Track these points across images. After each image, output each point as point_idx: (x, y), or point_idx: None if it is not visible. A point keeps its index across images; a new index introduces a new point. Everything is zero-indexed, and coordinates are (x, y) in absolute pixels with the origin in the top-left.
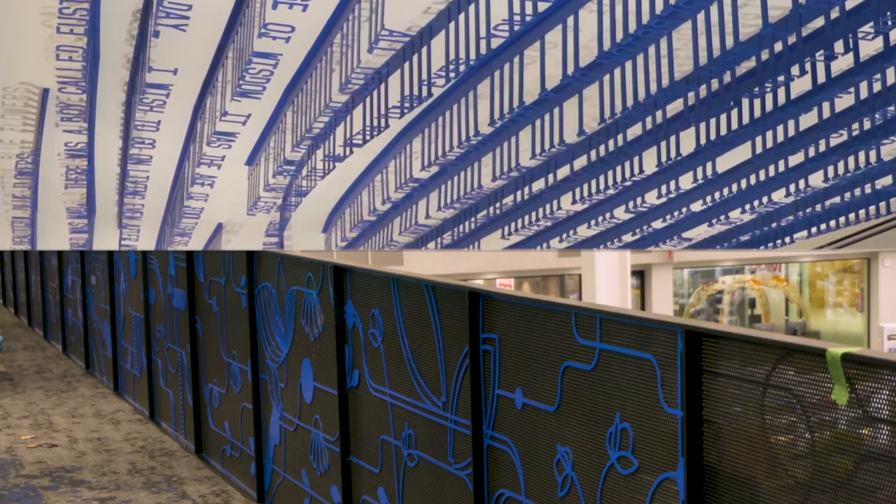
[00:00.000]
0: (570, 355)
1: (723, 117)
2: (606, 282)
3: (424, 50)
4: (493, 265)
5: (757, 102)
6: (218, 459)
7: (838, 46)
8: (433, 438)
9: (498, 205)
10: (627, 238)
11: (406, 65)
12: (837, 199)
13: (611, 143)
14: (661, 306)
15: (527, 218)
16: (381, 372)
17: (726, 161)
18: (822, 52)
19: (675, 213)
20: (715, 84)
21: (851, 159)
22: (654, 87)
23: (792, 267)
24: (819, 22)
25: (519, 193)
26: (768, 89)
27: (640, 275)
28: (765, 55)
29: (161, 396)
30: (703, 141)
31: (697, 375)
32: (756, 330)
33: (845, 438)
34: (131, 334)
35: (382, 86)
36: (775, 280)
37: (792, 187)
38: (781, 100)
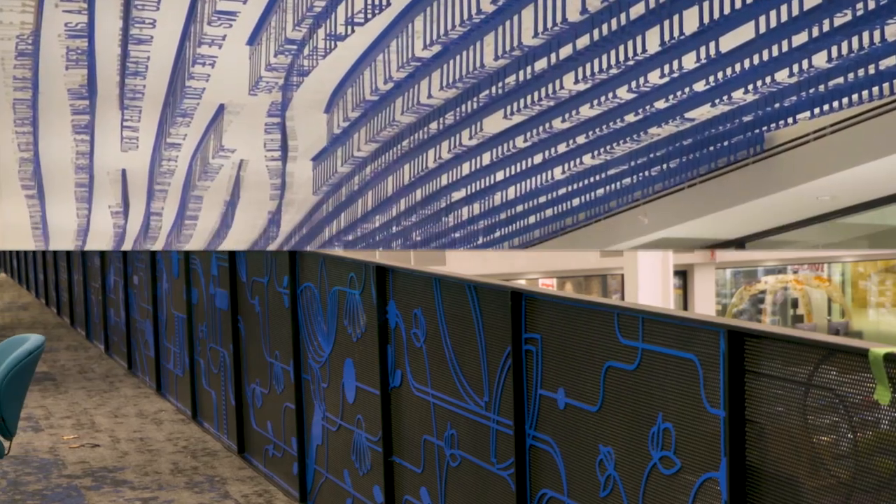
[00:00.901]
0: (612, 355)
1: None
2: (649, 282)
3: None
4: (535, 265)
5: None
6: (260, 459)
7: None
8: (475, 438)
9: (500, 84)
10: (630, 118)
11: None
12: (841, 80)
13: (613, 21)
14: (704, 306)
15: (529, 98)
16: (424, 372)
17: (729, 41)
18: None
19: (678, 94)
20: None
21: (855, 39)
22: None
23: (834, 267)
24: None
25: (521, 73)
26: None
27: (683, 275)
28: None
29: (203, 396)
30: (706, 20)
31: (740, 375)
32: (798, 330)
33: (888, 439)
34: (174, 334)
35: None
36: (818, 280)
37: (795, 67)
38: None
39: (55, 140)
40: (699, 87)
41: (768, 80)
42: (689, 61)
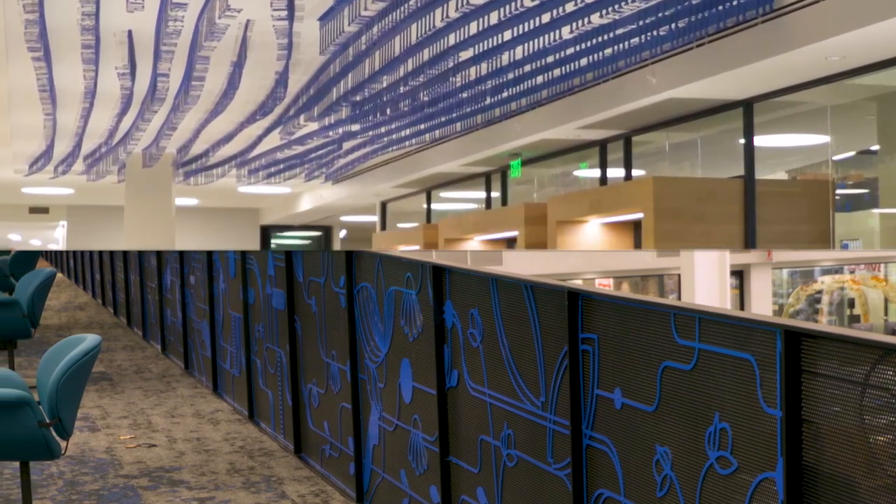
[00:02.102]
0: (669, 355)
1: None
2: (706, 282)
3: None
4: (592, 265)
5: None
6: (317, 459)
7: None
8: (532, 438)
9: None
10: None
11: None
12: None
13: None
14: (761, 306)
15: None
16: (480, 372)
17: None
18: None
19: None
20: None
21: None
22: None
23: (891, 267)
24: None
25: None
26: None
27: (740, 275)
28: None
29: (260, 396)
30: None
31: (796, 375)
32: (855, 330)
33: None
34: (230, 334)
35: None
36: (874, 280)
37: None
38: None
39: (60, 1)
40: None
41: None
42: None
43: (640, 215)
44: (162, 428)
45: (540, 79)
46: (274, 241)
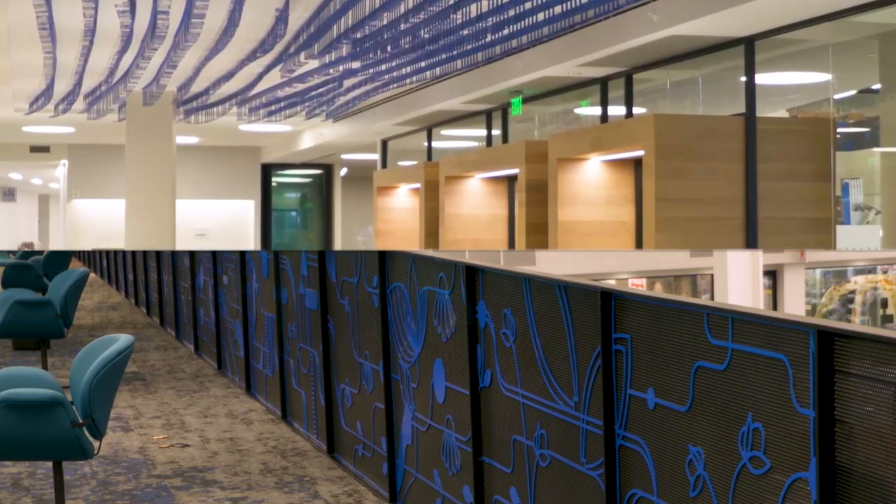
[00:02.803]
0: (702, 355)
1: None
2: (739, 282)
3: None
4: (625, 265)
5: None
6: (350, 459)
7: None
8: (565, 438)
9: None
10: None
11: None
12: None
13: None
14: (794, 306)
15: None
16: (513, 372)
17: None
18: None
19: None
20: None
21: None
22: None
23: None
24: None
25: None
26: None
27: (773, 275)
28: None
29: (293, 396)
30: None
31: (829, 375)
32: (888, 330)
33: None
34: (263, 334)
35: None
36: None
37: None
38: None
39: None
40: None
41: None
42: None
43: (640, 153)
44: (195, 428)
45: (541, 16)
46: (275, 180)
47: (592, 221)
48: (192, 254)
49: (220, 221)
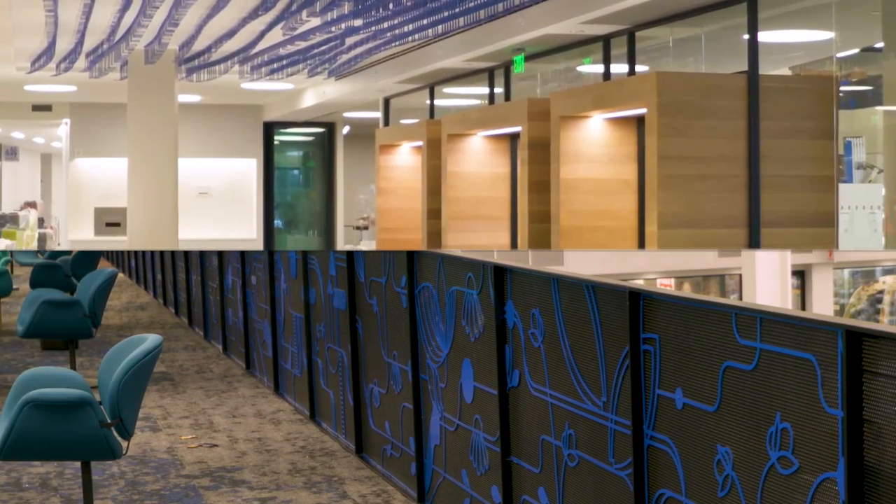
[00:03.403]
0: (730, 355)
1: None
2: (767, 282)
3: None
4: (653, 265)
5: None
6: (378, 459)
7: None
8: (593, 438)
9: None
10: None
11: None
12: None
13: None
14: (822, 306)
15: None
16: (542, 372)
17: None
18: None
19: None
20: None
21: None
22: None
23: None
24: None
25: None
26: None
27: (801, 275)
28: None
29: (321, 396)
30: None
31: (858, 375)
32: None
33: None
34: (291, 334)
35: None
36: None
37: None
38: None
39: None
40: None
41: None
42: None
43: (643, 110)
44: (223, 428)
45: None
46: (277, 138)
47: (595, 179)
48: (220, 254)
49: (223, 180)
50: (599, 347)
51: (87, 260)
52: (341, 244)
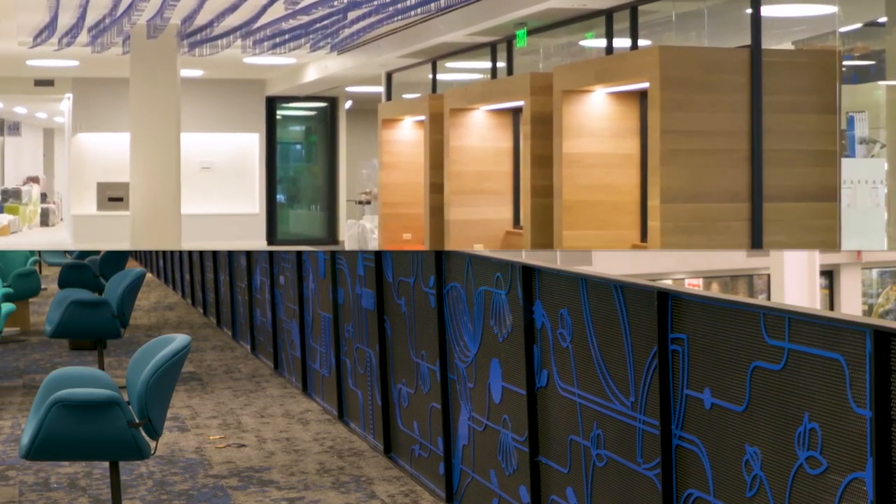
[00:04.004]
0: (758, 355)
1: None
2: (795, 282)
3: None
4: (681, 265)
5: None
6: (406, 459)
7: None
8: (622, 438)
9: None
10: None
11: None
12: None
13: None
14: (850, 306)
15: None
16: (570, 372)
17: None
18: None
19: None
20: None
21: None
22: None
23: None
24: None
25: None
26: None
27: (829, 275)
28: None
29: (350, 396)
30: None
31: (886, 375)
32: None
33: None
34: (320, 334)
35: None
36: None
37: None
38: None
39: None
40: None
41: None
42: None
43: (645, 85)
44: (251, 428)
45: None
46: (279, 113)
47: (597, 154)
48: (248, 254)
49: (225, 154)
50: (628, 347)
51: (115, 260)
52: (344, 219)
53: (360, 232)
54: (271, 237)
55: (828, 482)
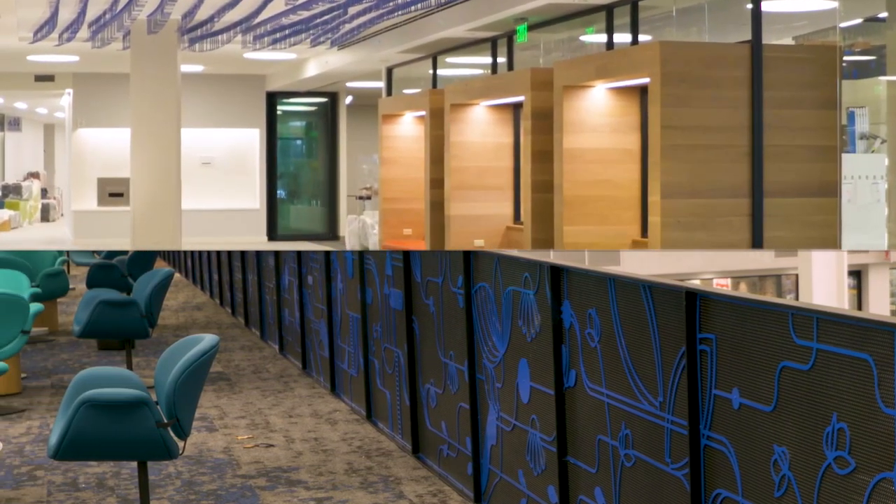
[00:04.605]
0: (786, 355)
1: None
2: (823, 282)
3: None
4: (710, 265)
5: None
6: (434, 459)
7: None
8: (650, 438)
9: None
10: None
11: None
12: None
13: None
14: (879, 306)
15: None
16: (598, 372)
17: None
18: None
19: None
20: None
21: None
22: None
23: None
24: None
25: None
26: None
27: (857, 275)
28: None
29: (378, 396)
30: None
31: None
32: None
33: None
34: (348, 334)
35: None
36: None
37: None
38: None
39: None
40: None
41: None
42: None
43: (646, 80)
44: (279, 428)
45: None
46: (280, 108)
47: (598, 149)
48: (276, 254)
49: (226, 150)
50: (656, 347)
51: (143, 260)
52: (344, 214)
53: (360, 227)
54: (272, 233)
55: (856, 482)
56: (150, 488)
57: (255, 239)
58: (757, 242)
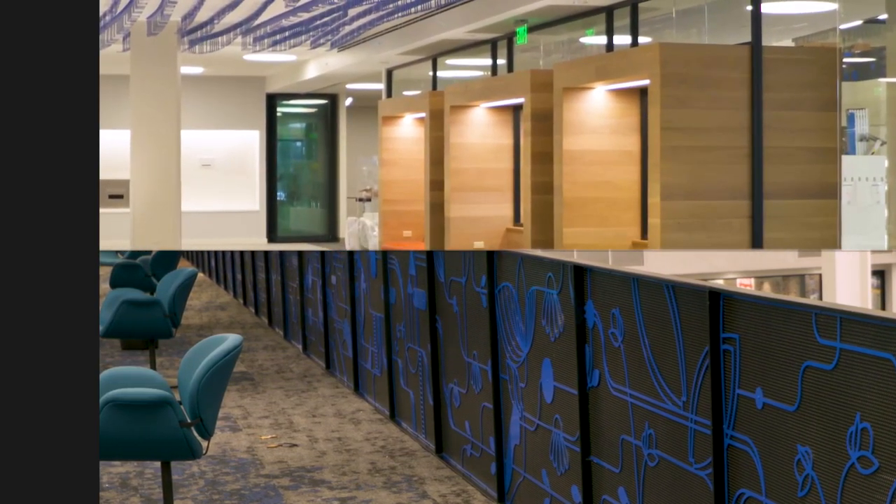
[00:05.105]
0: (810, 355)
1: None
2: (847, 282)
3: None
4: (733, 265)
5: None
6: (458, 459)
7: None
8: (673, 438)
9: None
10: None
11: None
12: None
13: None
14: None
15: None
16: (622, 371)
17: None
18: None
19: None
20: None
21: None
22: None
23: None
24: None
25: None
26: None
27: (881, 274)
28: None
29: (401, 396)
30: None
31: None
32: None
33: None
34: (371, 334)
35: None
36: None
37: None
38: None
39: None
40: None
41: None
42: None
43: (646, 82)
44: (303, 428)
45: None
46: (280, 110)
47: (597, 150)
48: (300, 254)
49: (226, 152)
50: (679, 347)
51: (166, 260)
52: (344, 216)
53: (360, 229)
54: (271, 234)
55: (880, 482)
56: (174, 488)
57: (254, 240)
58: (756, 244)
